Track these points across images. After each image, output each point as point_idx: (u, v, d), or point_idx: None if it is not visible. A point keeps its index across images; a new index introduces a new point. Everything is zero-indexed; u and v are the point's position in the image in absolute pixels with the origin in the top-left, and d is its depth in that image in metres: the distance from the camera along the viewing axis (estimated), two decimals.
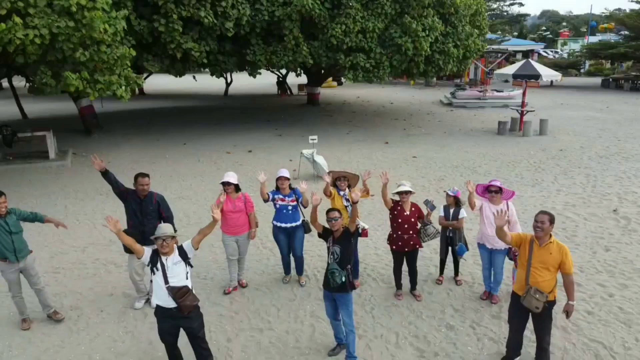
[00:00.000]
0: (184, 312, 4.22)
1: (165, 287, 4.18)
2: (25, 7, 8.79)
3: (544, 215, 4.46)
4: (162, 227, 4.36)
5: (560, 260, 4.45)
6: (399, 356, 5.03)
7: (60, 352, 5.14)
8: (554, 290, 4.55)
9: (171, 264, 4.26)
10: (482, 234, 5.82)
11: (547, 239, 4.47)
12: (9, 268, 5.32)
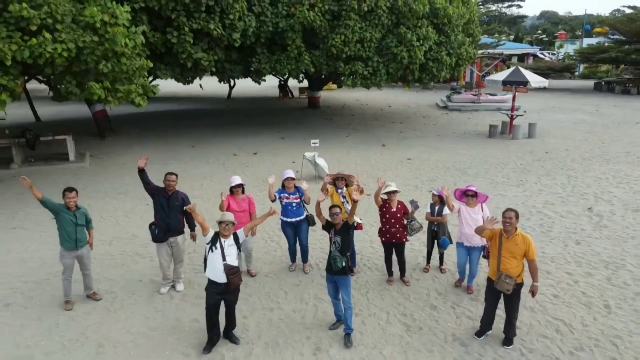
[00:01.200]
0: (231, 287, 5.17)
1: (223, 263, 5.10)
2: (53, 23, 9.66)
3: (511, 212, 5.32)
4: (226, 214, 5.33)
5: (525, 249, 5.30)
6: (389, 330, 5.90)
7: (101, 327, 6.01)
8: (521, 274, 5.40)
9: (227, 245, 5.19)
10: (460, 234, 6.63)
11: (514, 232, 5.33)
12: (69, 254, 6.25)
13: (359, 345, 5.60)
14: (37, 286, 7.10)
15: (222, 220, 5.25)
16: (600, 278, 7.29)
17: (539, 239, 8.73)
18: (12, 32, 9.25)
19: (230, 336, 5.61)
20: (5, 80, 9.50)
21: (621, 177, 12.77)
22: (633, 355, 5.46)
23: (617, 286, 7.05)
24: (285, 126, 21.11)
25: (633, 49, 33.87)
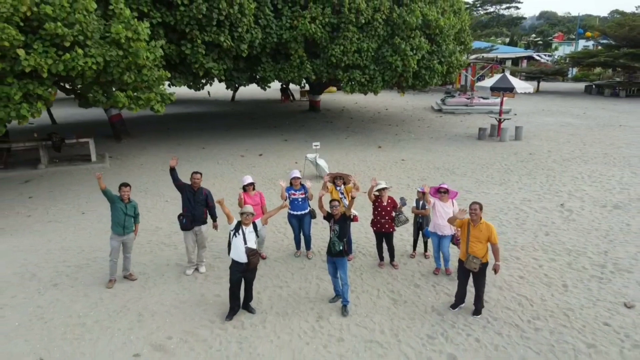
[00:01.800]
0: (250, 266, 6.30)
1: (244, 246, 6.22)
2: (84, 39, 10.79)
3: (476, 205, 6.46)
4: (247, 207, 6.47)
5: (488, 235, 6.44)
6: (379, 303, 7.05)
7: (139, 301, 7.15)
8: (485, 255, 6.54)
9: (247, 232, 6.31)
10: (434, 224, 7.74)
11: (479, 221, 6.46)
12: (117, 238, 7.44)
13: (353, 315, 6.75)
14: (79, 269, 8.25)
15: (244, 212, 6.40)
16: (562, 263, 8.43)
17: (513, 230, 9.89)
18: (47, 47, 10.39)
19: (248, 307, 6.76)
20: (41, 90, 10.65)
21: (596, 176, 13.92)
22: (581, 324, 6.59)
23: (576, 270, 8.19)
24: (288, 129, 22.24)
25: (621, 53, 34.98)
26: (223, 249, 8.52)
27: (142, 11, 12.89)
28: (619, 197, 12.00)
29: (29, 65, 10.04)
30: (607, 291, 7.47)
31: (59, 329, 6.53)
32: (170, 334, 6.32)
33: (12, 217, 10.92)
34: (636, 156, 16.35)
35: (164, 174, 14.24)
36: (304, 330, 6.41)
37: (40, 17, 10.23)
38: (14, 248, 9.25)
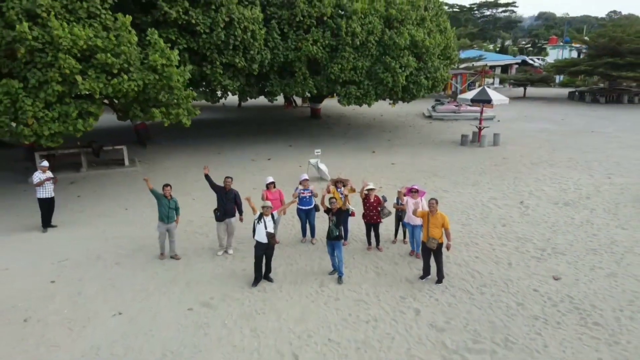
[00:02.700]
0: (271, 244, 8.45)
1: (266, 231, 8.38)
2: (128, 67, 12.98)
3: (433, 200, 8.67)
4: (267, 202, 8.61)
5: (442, 222, 8.62)
6: (366, 275, 9.24)
7: (185, 274, 9.34)
8: (441, 237, 8.71)
9: (267, 220, 8.46)
10: (408, 217, 9.94)
11: (436, 212, 8.65)
12: (162, 225, 9.64)
13: (346, 283, 8.94)
14: (133, 252, 10.45)
15: (264, 206, 8.57)
16: (511, 247, 10.62)
17: (477, 223, 12.08)
18: (99, 74, 12.57)
19: (267, 277, 8.96)
20: (93, 108, 12.84)
21: (556, 178, 16.09)
22: (516, 290, 8.76)
23: (520, 252, 10.38)
24: (292, 135, 24.40)
25: (601, 62, 37.10)
26: (246, 237, 10.69)
27: (171, 39, 15.07)
28: (571, 196, 14.18)
29: (85, 89, 12.22)
30: (541, 268, 9.66)
31: (128, 293, 8.73)
32: (212, 296, 8.52)
33: (68, 213, 13.10)
34: (597, 160, 18.50)
35: (189, 176, 16.46)
36: (309, 293, 8.61)
37: (93, 49, 12.41)
38: (76, 237, 11.46)
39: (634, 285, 8.97)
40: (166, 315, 7.97)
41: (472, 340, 7.30)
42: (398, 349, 7.09)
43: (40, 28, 11.99)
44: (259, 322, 7.75)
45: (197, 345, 7.19)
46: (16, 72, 12.31)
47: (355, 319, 7.82)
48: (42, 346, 7.27)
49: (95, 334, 7.55)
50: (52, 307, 8.31)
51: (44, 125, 12.18)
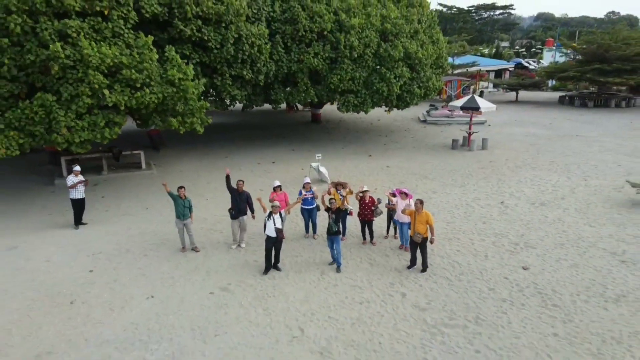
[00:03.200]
0: (279, 238, 9.81)
1: (275, 227, 9.73)
2: (149, 81, 14.35)
3: (418, 200, 10.04)
4: (276, 202, 9.96)
5: (427, 219, 9.99)
6: (360, 265, 10.62)
7: (204, 264, 10.71)
8: (425, 232, 10.08)
9: (276, 218, 9.81)
10: (397, 215, 11.32)
11: (421, 211, 10.02)
12: (179, 222, 11.03)
13: (344, 272, 10.31)
14: (158, 246, 11.82)
15: (273, 205, 9.94)
16: (489, 242, 12.00)
17: (460, 220, 13.45)
18: (124, 88, 13.94)
19: (276, 267, 10.33)
20: (118, 118, 14.22)
21: (536, 180, 17.44)
22: (489, 277, 10.13)
23: (497, 246, 11.75)
24: (294, 139, 25.75)
25: (589, 68, 38.42)
26: (256, 232, 12.06)
27: (185, 54, 16.43)
28: (548, 197, 15.55)
29: (111, 101, 13.59)
30: (513, 259, 11.04)
31: (157, 280, 10.11)
32: (229, 282, 9.90)
33: (95, 212, 14.47)
34: (576, 164, 19.86)
35: (201, 179, 17.83)
36: (312, 280, 9.99)
37: (119, 65, 13.78)
38: (106, 233, 12.84)
39: (592, 274, 10.34)
40: (191, 298, 9.35)
41: (448, 318, 8.68)
42: (386, 324, 8.46)
43: (71, 47, 13.37)
44: (270, 303, 9.14)
45: (219, 321, 8.57)
46: (49, 86, 13.69)
47: (351, 301, 9.20)
48: (88, 323, 8.65)
49: (132, 313, 8.93)
50: (93, 292, 9.69)
51: (75, 134, 13.56)
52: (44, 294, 9.65)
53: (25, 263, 11.04)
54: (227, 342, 7.98)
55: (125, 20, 14.68)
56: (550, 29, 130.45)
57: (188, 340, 8.07)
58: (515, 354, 7.71)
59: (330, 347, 7.84)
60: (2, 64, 13.24)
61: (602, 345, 7.97)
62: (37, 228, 13.30)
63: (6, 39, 13.16)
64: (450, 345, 7.91)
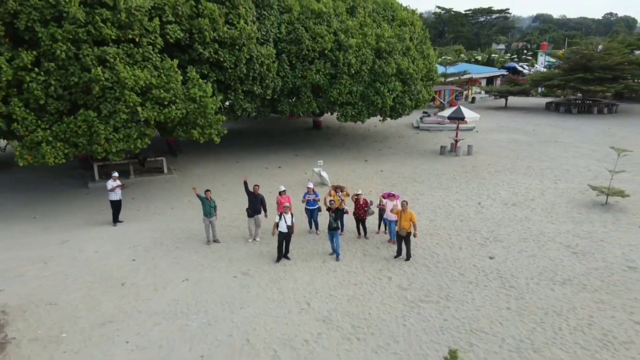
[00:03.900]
0: (290, 233, 11.92)
1: (287, 224, 11.84)
2: (175, 99, 16.45)
3: (404, 201, 12.16)
4: (287, 205, 12.07)
5: (411, 217, 12.11)
6: (355, 255, 12.73)
7: (227, 254, 12.82)
8: (409, 228, 12.19)
9: (287, 217, 11.93)
10: (386, 214, 13.43)
11: (406, 210, 12.14)
12: (206, 220, 13.14)
13: (342, 261, 12.42)
14: (186, 240, 13.93)
15: (285, 207, 12.06)
16: (464, 237, 14.10)
17: (441, 219, 15.54)
18: (154, 105, 16.03)
19: (286, 256, 12.43)
20: (149, 131, 16.32)
21: (512, 183, 19.53)
22: (460, 265, 12.23)
23: (470, 240, 13.85)
24: (297, 145, 27.81)
25: (572, 77, 40.49)
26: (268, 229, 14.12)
27: (204, 73, 18.50)
28: (519, 198, 17.65)
29: (144, 117, 15.70)
30: (482, 251, 13.14)
31: (189, 267, 12.22)
32: (249, 268, 12.02)
33: (127, 212, 16.53)
34: (550, 168, 21.94)
35: (216, 182, 19.92)
36: (316, 267, 12.11)
37: (149, 86, 15.88)
38: (140, 229, 14.94)
39: (546, 263, 12.45)
40: (219, 280, 11.47)
41: (424, 295, 10.79)
42: (375, 300, 10.58)
43: (109, 70, 15.46)
44: (283, 284, 11.26)
45: (242, 298, 10.69)
46: (90, 104, 15.77)
47: (347, 283, 11.32)
48: (138, 300, 10.76)
49: (173, 292, 11.04)
50: (138, 276, 11.81)
51: (112, 145, 15.67)
52: (99, 278, 11.77)
53: (78, 254, 13.16)
54: (251, 313, 10.10)
55: (153, 46, 16.75)
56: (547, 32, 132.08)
57: (219, 312, 10.19)
58: (474, 322, 9.82)
59: (331, 316, 9.96)
60: (49, 84, 15.31)
61: (545, 316, 10.08)
62: (81, 225, 15.41)
63: (53, 63, 15.26)
64: (424, 315, 10.02)
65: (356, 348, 8.95)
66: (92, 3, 15.71)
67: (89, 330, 9.63)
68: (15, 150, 15.17)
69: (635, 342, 9.24)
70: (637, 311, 10.27)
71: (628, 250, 13.18)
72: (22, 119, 14.98)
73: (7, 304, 10.60)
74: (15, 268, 12.32)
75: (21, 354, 8.97)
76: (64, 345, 9.16)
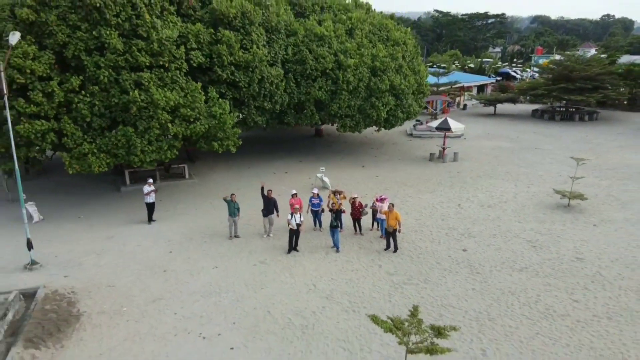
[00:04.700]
0: (298, 230, 14.48)
1: (296, 222, 14.39)
2: (199, 116, 18.97)
3: (391, 204, 14.71)
4: (297, 206, 14.64)
5: (396, 216, 14.64)
6: (352, 248, 15.27)
7: (246, 247, 15.36)
8: (395, 226, 14.72)
9: (297, 216, 14.48)
10: (378, 214, 15.95)
11: (393, 211, 14.68)
12: (231, 219, 15.70)
13: (341, 252, 14.96)
14: (212, 236, 16.45)
15: (295, 207, 14.61)
16: (443, 233, 16.62)
17: (425, 218, 18.06)
18: (181, 122, 18.57)
19: (295, 249, 14.95)
20: (177, 143, 18.86)
21: (490, 188, 22.04)
22: (439, 256, 14.77)
23: (448, 236, 16.37)
24: (301, 152, 30.28)
25: (555, 87, 42.95)
26: (280, 226, 16.64)
27: (222, 92, 21.02)
28: (494, 201, 20.16)
29: (173, 132, 18.23)
30: (458, 245, 15.65)
31: (217, 257, 14.75)
32: (265, 258, 14.56)
33: (158, 212, 18.93)
34: (526, 174, 24.44)
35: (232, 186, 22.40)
36: (320, 257, 14.65)
37: (178, 105, 18.42)
38: (172, 227, 17.47)
39: (509, 254, 14.97)
40: (242, 268, 14.01)
41: (407, 279, 13.32)
42: (367, 283, 13.11)
43: (144, 92, 17.98)
44: (293, 270, 13.80)
45: (262, 281, 13.22)
46: (128, 121, 18.28)
47: (346, 269, 13.86)
48: (179, 282, 13.30)
49: (206, 277, 13.58)
50: (176, 264, 14.35)
51: (147, 155, 18.20)
52: (144, 266, 14.30)
53: (123, 247, 15.70)
54: (269, 292, 12.64)
55: (179, 70, 19.28)
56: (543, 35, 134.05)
57: (244, 291, 12.73)
58: (445, 299, 12.35)
59: (332, 294, 12.49)
60: (93, 104, 17.85)
61: (501, 295, 12.61)
62: (121, 223, 17.95)
63: (97, 86, 17.80)
64: (406, 294, 12.55)
65: (352, 318, 11.49)
66: (129, 35, 18.25)
67: (143, 305, 12.17)
68: (65, 160, 17.70)
69: (570, 315, 11.77)
70: (576, 292, 12.80)
71: (579, 245, 15.71)
72: (72, 133, 17.50)
73: (74, 287, 13.13)
74: (74, 259, 14.87)
75: (93, 323, 11.49)
76: (126, 317, 11.70)
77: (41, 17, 17.27)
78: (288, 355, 10.12)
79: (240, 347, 10.40)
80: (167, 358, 10.06)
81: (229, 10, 21.07)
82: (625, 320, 11.50)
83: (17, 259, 14.87)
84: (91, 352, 10.32)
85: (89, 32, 17.66)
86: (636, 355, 10.25)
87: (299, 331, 10.94)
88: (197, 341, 10.63)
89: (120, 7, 17.82)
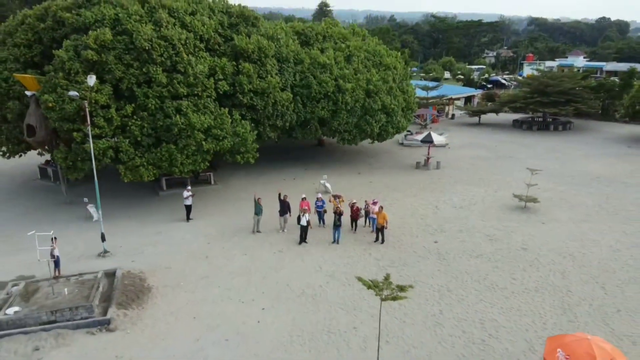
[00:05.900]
0: (308, 227, 18.57)
1: (306, 221, 18.47)
2: (225, 134, 23.05)
3: (380, 205, 18.80)
4: (305, 208, 18.73)
5: (384, 216, 18.71)
6: (349, 242, 19.35)
7: (267, 240, 19.44)
8: (384, 223, 18.78)
9: (307, 215, 18.56)
10: (371, 214, 20.00)
11: (382, 211, 18.74)
12: (256, 218, 19.80)
13: (341, 245, 19.03)
14: (239, 231, 20.51)
15: (304, 209, 18.67)
16: (420, 229, 20.67)
17: (407, 217, 22.12)
18: (212, 139, 22.63)
19: (305, 241, 19.00)
20: (208, 157, 22.94)
21: (464, 192, 26.07)
22: (415, 246, 18.84)
23: (425, 231, 20.43)
24: (306, 160, 34.23)
25: (532, 100, 46.93)
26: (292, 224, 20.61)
27: (242, 113, 25.06)
28: (465, 203, 24.21)
29: (206, 148, 22.31)
30: (431, 238, 19.71)
31: (245, 247, 18.82)
32: (282, 248, 18.65)
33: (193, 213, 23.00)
34: (496, 180, 28.44)
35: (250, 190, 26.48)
36: (324, 248, 18.73)
37: (210, 126, 22.48)
38: (206, 224, 21.52)
39: (470, 245, 19.04)
40: (266, 255, 18.09)
41: (390, 263, 17.40)
42: (360, 266, 17.19)
43: (183, 116, 22.03)
44: (304, 257, 17.88)
45: (281, 264, 17.30)
46: (170, 139, 22.33)
47: (344, 256, 17.95)
48: (218, 266, 17.36)
49: (238, 261, 17.65)
50: (214, 252, 18.42)
51: (185, 167, 22.27)
52: (190, 254, 18.36)
53: (171, 240, 19.76)
54: (287, 273, 16.72)
55: (210, 98, 23.34)
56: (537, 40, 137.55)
57: (269, 272, 16.81)
58: (417, 277, 16.43)
59: (335, 274, 16.58)
60: (143, 127, 21.90)
61: (459, 274, 16.68)
62: (165, 221, 22.01)
63: (145, 112, 21.87)
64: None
65: (348, 289, 15.57)
66: (170, 70, 22.33)
67: (195, 282, 16.24)
68: (121, 171, 21.75)
69: (508, 288, 15.84)
70: (516, 273, 16.86)
71: (527, 238, 19.77)
72: (126, 150, 21.57)
73: (141, 268, 17.19)
74: (136, 248, 18.94)
75: (160, 293, 15.56)
76: (183, 289, 15.77)
77: (102, 57, 21.33)
78: (303, 314, 14.19)
79: (269, 308, 14.48)
80: (219, 315, 14.13)
81: (248, 46, 25.13)
82: (549, 292, 15.56)
83: (89, 249, 18.93)
84: (165, 310, 14.40)
85: (140, 69, 21.73)
86: (550, 314, 14.31)
87: (310, 298, 15.03)
88: (238, 304, 14.72)
89: (164, 48, 21.89)
